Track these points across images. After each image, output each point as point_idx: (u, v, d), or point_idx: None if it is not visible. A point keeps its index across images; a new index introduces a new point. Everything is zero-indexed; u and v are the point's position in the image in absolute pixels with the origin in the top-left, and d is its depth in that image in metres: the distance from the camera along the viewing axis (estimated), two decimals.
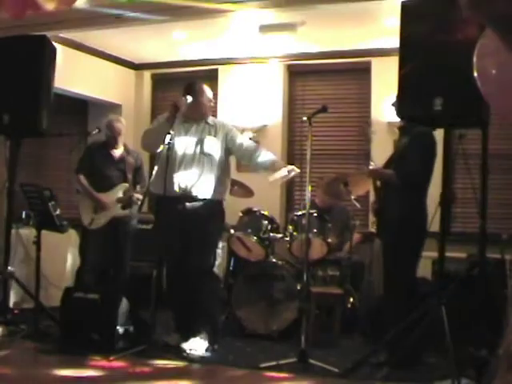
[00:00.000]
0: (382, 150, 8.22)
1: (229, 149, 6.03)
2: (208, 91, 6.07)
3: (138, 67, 9.76)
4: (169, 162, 5.62)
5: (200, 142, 5.91)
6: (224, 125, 6.17)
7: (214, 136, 5.99)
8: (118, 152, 7.04)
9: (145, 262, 7.36)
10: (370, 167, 5.75)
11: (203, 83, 6.15)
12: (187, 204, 5.75)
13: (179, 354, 5.56)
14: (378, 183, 5.77)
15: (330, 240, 6.61)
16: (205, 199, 5.87)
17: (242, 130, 8.78)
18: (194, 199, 5.81)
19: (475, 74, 2.61)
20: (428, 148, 5.43)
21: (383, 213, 5.63)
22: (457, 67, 4.48)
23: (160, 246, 5.74)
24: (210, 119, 6.09)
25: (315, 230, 6.51)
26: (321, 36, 7.97)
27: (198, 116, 5.96)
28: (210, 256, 5.95)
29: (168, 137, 5.54)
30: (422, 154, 5.39)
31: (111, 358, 5.27)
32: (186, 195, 5.77)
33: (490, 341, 4.59)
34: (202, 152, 5.90)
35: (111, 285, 6.82)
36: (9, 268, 6.31)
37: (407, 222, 5.36)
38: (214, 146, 5.96)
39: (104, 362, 5.24)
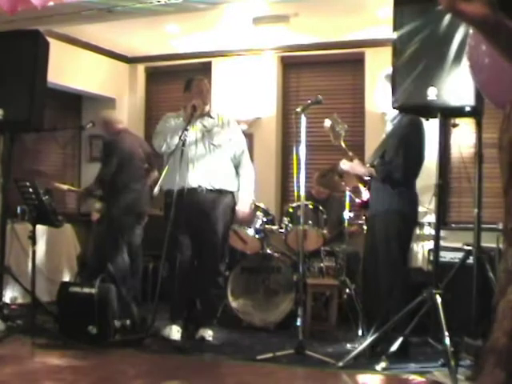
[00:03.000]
0: (376, 142, 8.24)
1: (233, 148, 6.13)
2: (201, 85, 6.10)
3: (131, 61, 9.74)
4: (183, 157, 5.71)
5: (209, 135, 5.97)
6: (230, 121, 6.27)
7: (222, 128, 6.07)
8: None
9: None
10: (342, 165, 5.77)
11: (199, 78, 6.22)
12: (202, 196, 5.77)
13: (177, 346, 5.58)
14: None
15: (325, 231, 6.62)
16: (217, 190, 5.95)
17: (237, 123, 8.80)
18: (207, 191, 5.86)
19: (468, 63, 2.61)
20: (411, 140, 5.41)
21: (371, 205, 5.64)
22: (450, 57, 4.50)
23: (172, 238, 5.73)
24: (214, 113, 6.15)
25: (310, 222, 6.52)
26: (314, 27, 7.97)
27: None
28: (217, 248, 6.04)
29: (184, 134, 5.69)
30: (402, 148, 5.38)
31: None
32: (201, 188, 5.81)
33: (486, 330, 4.60)
34: (212, 144, 5.96)
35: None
36: (5, 263, 6.30)
37: (396, 213, 5.36)
38: (222, 138, 6.03)
39: (101, 356, 5.26)
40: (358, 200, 5.97)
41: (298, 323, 5.37)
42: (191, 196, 5.66)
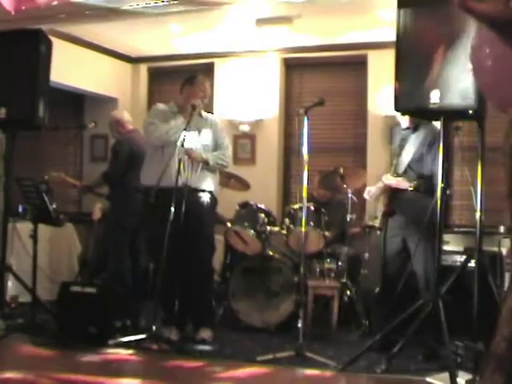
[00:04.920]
0: (378, 144, 8.26)
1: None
2: (205, 84, 6.11)
3: (134, 60, 9.74)
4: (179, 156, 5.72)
5: (199, 135, 5.98)
6: (216, 121, 6.31)
7: (210, 128, 6.10)
8: None
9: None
10: (385, 180, 5.74)
11: (202, 76, 6.23)
12: (187, 195, 5.75)
13: (177, 347, 5.57)
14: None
15: (326, 233, 6.62)
16: (204, 190, 5.98)
17: (239, 124, 8.81)
18: (195, 190, 5.87)
19: (471, 66, 2.61)
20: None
21: (404, 214, 5.63)
22: (454, 59, 4.50)
23: (157, 237, 5.74)
24: (203, 113, 6.15)
25: (312, 223, 6.51)
26: (317, 29, 7.96)
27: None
28: (208, 247, 6.08)
29: (183, 134, 5.68)
30: (436, 158, 5.48)
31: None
32: (188, 187, 5.80)
33: (487, 333, 4.60)
34: (201, 144, 5.96)
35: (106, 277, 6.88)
36: (6, 262, 6.30)
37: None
38: (210, 139, 6.05)
39: (101, 355, 5.27)
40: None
41: (299, 325, 5.37)
42: (178, 194, 5.63)
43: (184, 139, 5.67)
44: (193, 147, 5.88)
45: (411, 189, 5.47)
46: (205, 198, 5.98)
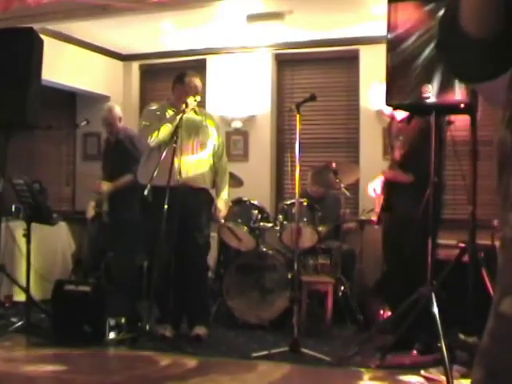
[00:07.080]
0: (370, 139, 8.26)
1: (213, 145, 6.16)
2: (195, 81, 6.10)
3: (125, 58, 9.72)
4: (166, 153, 5.71)
5: (196, 131, 5.97)
6: (212, 117, 6.36)
7: (205, 126, 6.09)
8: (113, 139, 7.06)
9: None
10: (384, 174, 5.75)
11: (192, 73, 6.21)
12: (185, 193, 5.75)
13: (172, 344, 5.57)
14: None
15: (320, 229, 6.62)
16: (201, 188, 5.99)
17: (231, 120, 8.80)
18: (192, 188, 5.86)
19: None
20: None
21: (398, 207, 5.63)
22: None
23: (153, 235, 5.74)
24: (197, 110, 6.15)
25: (305, 219, 6.51)
26: (309, 24, 7.96)
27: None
28: (204, 245, 6.11)
29: (176, 132, 5.69)
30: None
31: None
32: (185, 185, 5.79)
33: (481, 327, 4.61)
34: (197, 141, 5.96)
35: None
36: None
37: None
38: (207, 136, 6.05)
39: (95, 354, 5.27)
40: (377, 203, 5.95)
41: (293, 321, 5.38)
42: (174, 193, 5.62)
43: (178, 137, 5.66)
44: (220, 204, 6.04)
45: (409, 181, 5.48)
46: (201, 196, 5.99)
